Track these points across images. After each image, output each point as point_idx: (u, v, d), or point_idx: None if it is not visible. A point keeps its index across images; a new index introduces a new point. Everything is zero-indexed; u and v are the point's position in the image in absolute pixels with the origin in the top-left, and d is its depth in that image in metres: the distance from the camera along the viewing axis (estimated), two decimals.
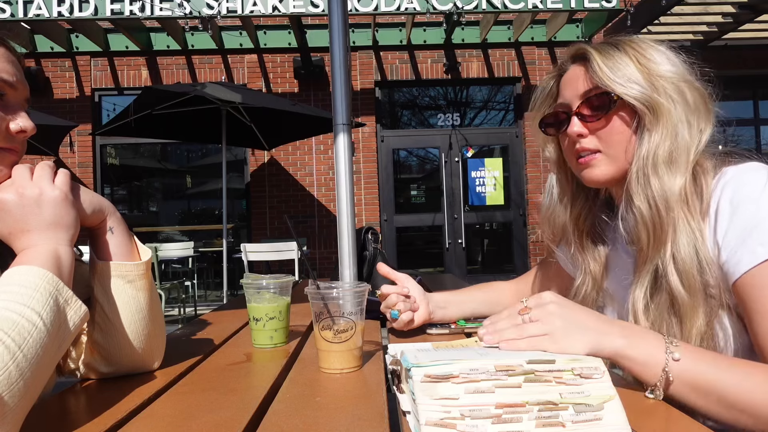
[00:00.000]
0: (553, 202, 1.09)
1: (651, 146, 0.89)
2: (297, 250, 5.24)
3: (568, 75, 1.01)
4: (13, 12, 5.89)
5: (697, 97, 0.91)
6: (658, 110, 0.89)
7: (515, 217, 7.59)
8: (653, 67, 0.91)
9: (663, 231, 0.87)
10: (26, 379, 0.60)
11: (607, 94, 0.92)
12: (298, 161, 7.38)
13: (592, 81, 0.94)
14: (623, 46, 0.95)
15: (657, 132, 0.89)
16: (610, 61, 0.92)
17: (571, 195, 1.07)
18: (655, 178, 0.88)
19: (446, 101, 7.93)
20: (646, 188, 0.89)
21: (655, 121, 0.89)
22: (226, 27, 7.09)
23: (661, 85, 0.90)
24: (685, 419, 0.66)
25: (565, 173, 1.07)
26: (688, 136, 0.89)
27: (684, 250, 0.85)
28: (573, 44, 1.02)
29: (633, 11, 6.00)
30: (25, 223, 0.73)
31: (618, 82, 0.91)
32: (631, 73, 0.91)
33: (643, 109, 0.90)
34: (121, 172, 7.87)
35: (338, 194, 1.48)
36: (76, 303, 0.71)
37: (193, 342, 1.15)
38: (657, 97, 0.89)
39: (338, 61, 1.49)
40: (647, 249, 0.89)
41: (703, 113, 0.91)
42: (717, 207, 0.85)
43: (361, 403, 0.72)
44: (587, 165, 0.97)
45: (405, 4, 6.09)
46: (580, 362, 0.62)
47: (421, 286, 1.23)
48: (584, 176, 0.98)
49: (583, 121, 0.96)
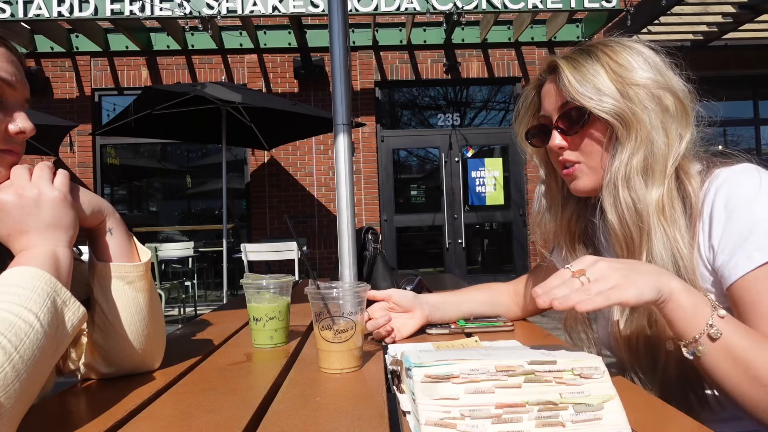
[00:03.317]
0: (542, 207, 1.10)
1: (623, 158, 0.88)
2: (297, 250, 5.24)
3: (546, 87, 1.01)
4: (13, 12, 5.89)
5: (676, 101, 0.89)
6: (631, 121, 0.87)
7: (515, 217, 7.59)
8: (626, 75, 0.89)
9: (635, 243, 0.87)
10: (22, 381, 0.59)
11: (579, 108, 0.91)
12: (298, 161, 7.38)
13: (563, 94, 0.93)
14: (596, 52, 0.93)
15: (630, 143, 0.87)
16: (579, 73, 0.91)
17: (561, 200, 1.06)
18: (625, 191, 0.88)
19: (446, 101, 7.93)
20: (616, 202, 0.89)
21: (626, 133, 0.88)
22: (226, 27, 7.09)
23: (635, 93, 0.88)
24: (685, 419, 0.66)
25: (555, 179, 1.07)
26: (665, 144, 0.87)
27: (660, 260, 0.85)
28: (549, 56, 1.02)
29: (633, 11, 6.00)
30: (24, 224, 0.73)
31: (587, 95, 0.89)
32: (601, 83, 0.89)
33: (614, 122, 0.88)
34: (121, 172, 7.87)
35: (338, 194, 1.48)
36: (74, 304, 0.71)
37: (193, 342, 1.15)
38: (630, 107, 0.87)
39: (338, 61, 1.49)
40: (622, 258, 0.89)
41: (683, 118, 0.89)
42: (711, 211, 0.84)
43: (361, 403, 0.72)
44: (571, 176, 0.97)
45: (405, 4, 6.09)
46: (580, 362, 0.62)
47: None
48: (571, 187, 0.99)
49: (563, 135, 0.96)
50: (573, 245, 1.06)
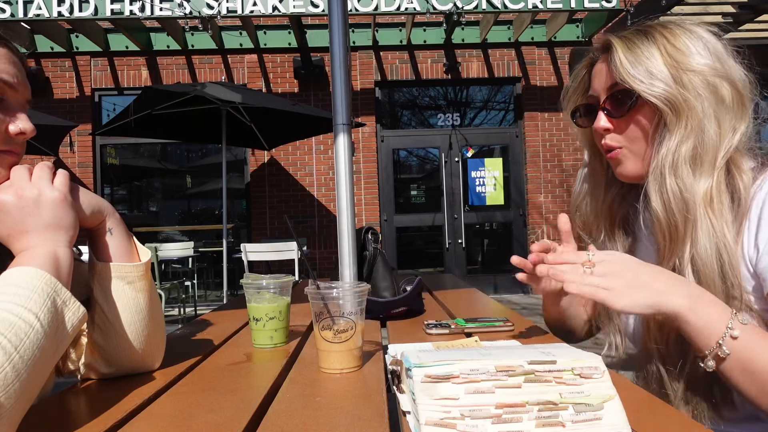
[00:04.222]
0: (585, 190, 1.06)
1: (671, 145, 0.84)
2: (297, 250, 5.24)
3: (597, 67, 0.97)
4: (13, 12, 5.89)
5: (733, 92, 0.85)
6: (681, 108, 0.84)
7: (515, 217, 7.59)
8: (683, 60, 0.85)
9: (679, 233, 0.84)
10: (22, 381, 0.59)
11: (629, 91, 0.88)
12: (298, 161, 7.38)
13: (614, 75, 0.90)
14: (654, 34, 0.89)
15: (679, 131, 0.84)
16: (633, 55, 0.87)
17: (605, 183, 1.03)
18: (672, 179, 0.84)
19: (446, 101, 7.93)
20: (662, 189, 0.85)
21: (676, 120, 0.84)
22: (226, 27, 7.09)
23: (689, 79, 0.84)
24: (685, 419, 0.66)
25: (600, 161, 1.03)
26: (717, 134, 0.83)
27: (704, 253, 0.81)
28: (606, 33, 0.98)
29: (633, 11, 6.00)
30: (24, 225, 0.73)
31: (637, 78, 0.86)
32: (655, 67, 0.85)
33: (664, 108, 0.85)
34: (121, 172, 7.87)
35: (338, 194, 1.48)
36: (74, 304, 0.71)
37: (193, 342, 1.15)
38: (683, 94, 0.83)
39: (338, 61, 1.49)
40: (664, 249, 0.87)
41: (739, 109, 0.85)
42: (760, 211, 0.80)
43: (361, 403, 0.72)
44: (615, 160, 0.95)
45: (405, 4, 6.09)
46: (581, 362, 0.62)
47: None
48: (616, 171, 0.97)
49: (608, 117, 0.93)
50: (612, 230, 1.03)
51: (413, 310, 1.38)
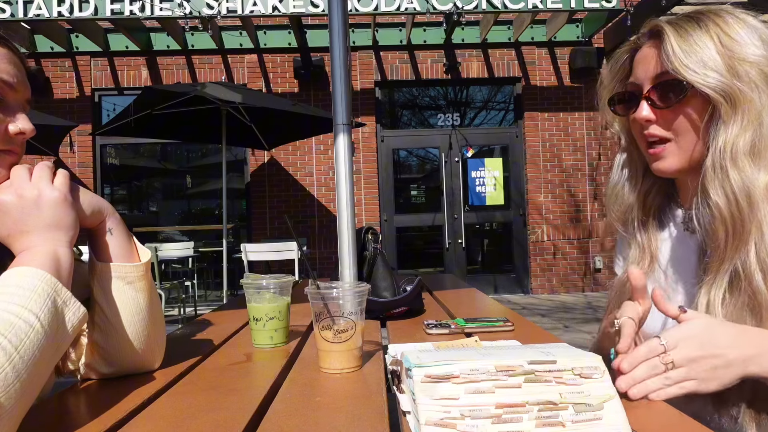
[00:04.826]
0: (622, 177, 1.02)
1: (729, 138, 0.81)
2: (297, 250, 5.24)
3: (642, 52, 0.92)
4: (13, 12, 5.89)
5: None
6: (738, 99, 0.81)
7: (515, 217, 7.59)
8: (738, 49, 0.82)
9: (744, 229, 0.80)
10: (23, 381, 0.59)
11: (679, 81, 0.84)
12: (298, 161, 7.38)
13: (664, 64, 0.86)
14: (706, 22, 0.85)
15: (735, 123, 0.81)
16: (686, 43, 0.84)
17: (642, 171, 0.99)
18: (734, 171, 0.80)
19: (446, 101, 7.93)
20: (724, 182, 0.81)
21: (731, 112, 0.81)
22: (226, 27, 7.09)
23: (745, 71, 0.81)
24: (685, 419, 0.66)
25: (637, 148, 0.99)
26: None
27: None
28: (652, 19, 0.91)
29: (633, 11, 6.00)
30: (24, 225, 0.73)
31: (691, 68, 0.82)
32: (708, 56, 0.82)
33: (718, 99, 0.82)
34: (121, 172, 7.86)
35: (338, 194, 1.48)
36: (74, 304, 0.71)
37: (193, 342, 1.15)
38: (738, 85, 0.81)
39: (338, 61, 1.49)
40: (725, 247, 0.82)
41: None
42: None
43: (360, 403, 0.72)
44: (656, 156, 0.91)
45: (405, 4, 6.09)
46: (580, 362, 0.62)
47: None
48: (653, 166, 0.93)
49: (652, 107, 0.89)
50: (646, 221, 1.00)
51: (413, 310, 1.38)
